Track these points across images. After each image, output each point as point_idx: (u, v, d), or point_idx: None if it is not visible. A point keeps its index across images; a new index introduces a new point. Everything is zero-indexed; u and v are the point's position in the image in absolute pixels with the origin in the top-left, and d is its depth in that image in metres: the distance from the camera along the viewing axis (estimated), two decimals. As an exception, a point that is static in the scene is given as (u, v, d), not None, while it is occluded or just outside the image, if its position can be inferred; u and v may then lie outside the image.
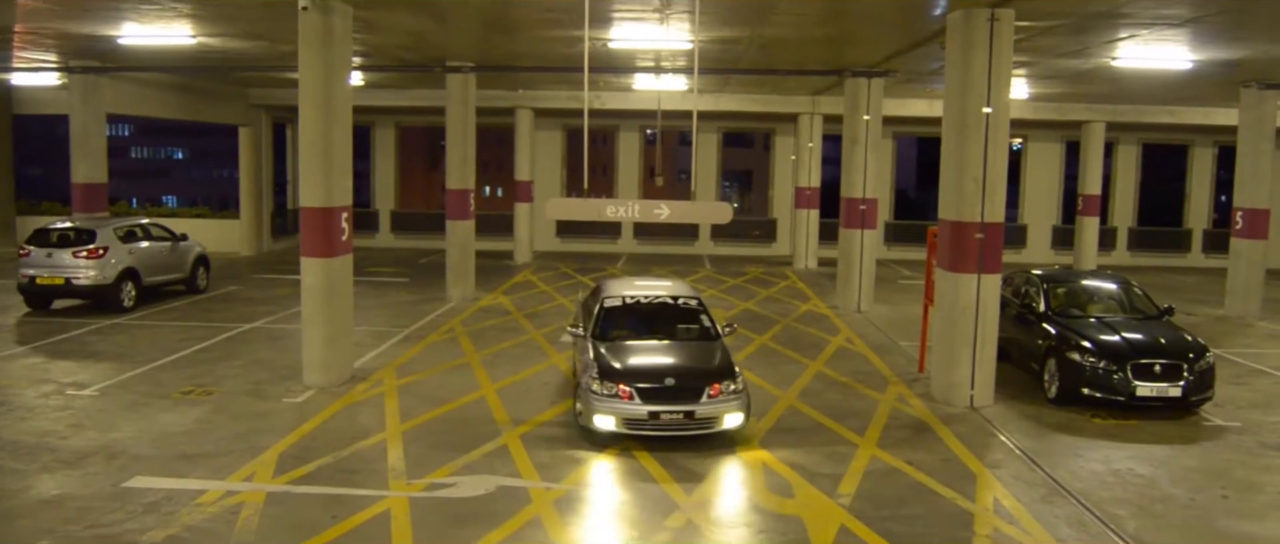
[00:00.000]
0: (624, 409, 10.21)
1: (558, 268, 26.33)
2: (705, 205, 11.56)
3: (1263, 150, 20.43)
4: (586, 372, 10.66)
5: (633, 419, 10.23)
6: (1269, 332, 18.89)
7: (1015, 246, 30.88)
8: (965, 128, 12.22)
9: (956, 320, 12.41)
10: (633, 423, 10.24)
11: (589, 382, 10.43)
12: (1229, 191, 21.63)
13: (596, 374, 10.47)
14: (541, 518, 8.42)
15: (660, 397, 10.28)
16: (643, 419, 10.22)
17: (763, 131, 33.05)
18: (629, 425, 10.25)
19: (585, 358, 11.03)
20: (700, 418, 10.26)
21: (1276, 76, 19.52)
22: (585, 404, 10.42)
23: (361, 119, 28.46)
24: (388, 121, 31.47)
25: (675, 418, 10.22)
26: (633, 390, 10.24)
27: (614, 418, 10.23)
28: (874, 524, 8.43)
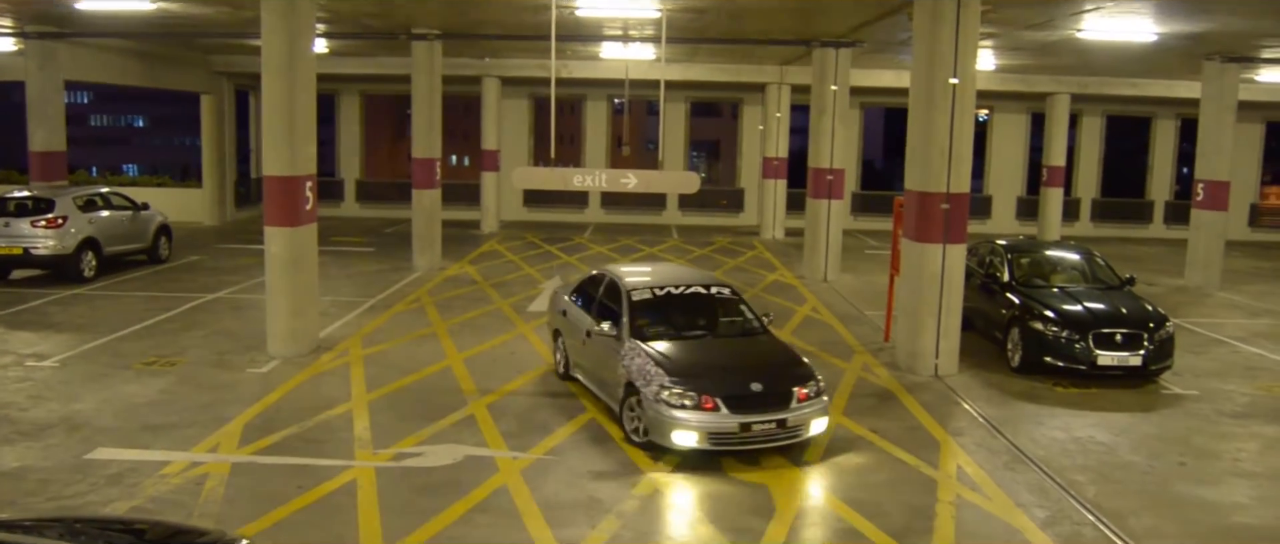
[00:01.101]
0: (709, 422, 8.85)
1: (525, 237, 26.26)
2: (672, 175, 11.60)
3: (1224, 123, 20.65)
4: (645, 380, 9.21)
5: (721, 433, 8.89)
6: (1228, 302, 19.18)
7: (980, 217, 31.10)
8: (932, 99, 12.26)
9: (922, 290, 12.50)
10: (719, 437, 8.91)
11: (659, 392, 9.00)
12: (1191, 164, 21.87)
13: (669, 383, 9.05)
14: (509, 487, 8.43)
15: (749, 405, 9.03)
16: (732, 433, 8.91)
17: (731, 102, 33.02)
18: (715, 440, 8.91)
19: (633, 363, 9.57)
20: (791, 426, 9.10)
21: (1239, 50, 19.71)
22: (654, 419, 9.00)
23: (326, 87, 28.00)
24: (353, 90, 31.14)
25: (767, 428, 9.00)
26: (718, 400, 8.95)
27: (697, 433, 8.85)
28: (839, 492, 8.52)
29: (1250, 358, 14.19)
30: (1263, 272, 24.00)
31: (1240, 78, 20.95)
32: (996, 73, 26.46)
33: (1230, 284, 21.10)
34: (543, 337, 14.13)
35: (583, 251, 23.63)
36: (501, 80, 28.19)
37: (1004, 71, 26.69)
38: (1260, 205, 33.65)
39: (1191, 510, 8.44)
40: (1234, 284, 21.22)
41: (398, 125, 60.02)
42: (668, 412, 8.91)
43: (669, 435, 8.92)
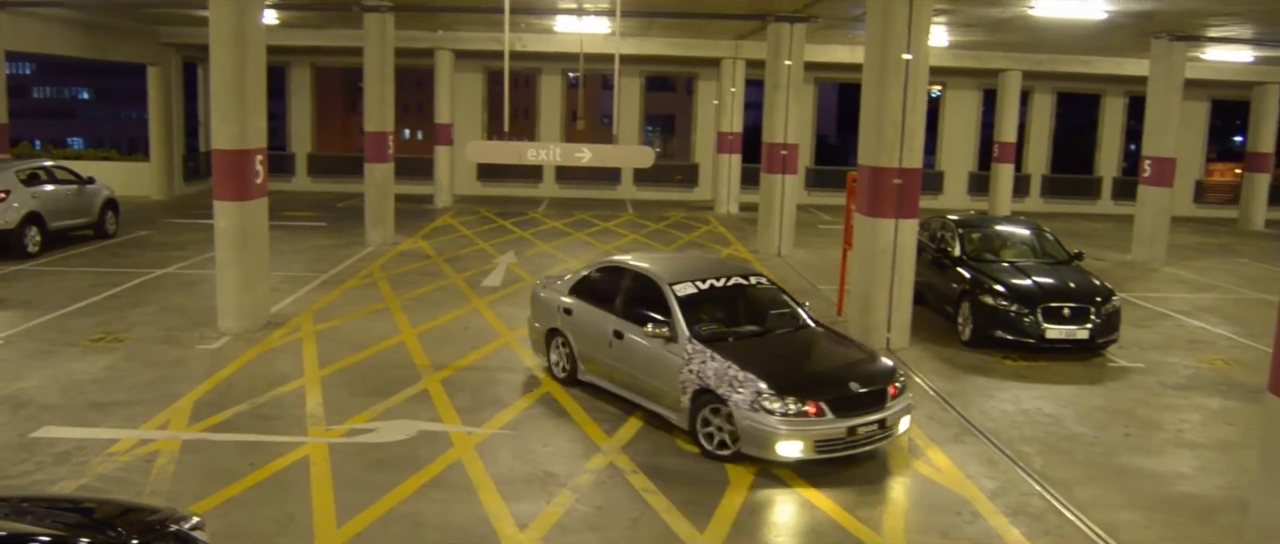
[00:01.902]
0: (816, 429, 8.23)
1: (479, 212, 26.12)
2: (627, 149, 11.57)
3: (1171, 100, 20.96)
4: (733, 387, 8.41)
5: (829, 440, 8.29)
6: (1173, 276, 19.54)
7: (932, 192, 31.37)
8: (885, 74, 12.32)
9: (874, 264, 12.60)
10: (827, 444, 8.30)
11: (756, 400, 8.26)
12: (1138, 140, 22.19)
13: (767, 390, 8.29)
14: (463, 462, 8.42)
15: (852, 407, 8.44)
16: (840, 438, 8.33)
17: (686, 76, 32.98)
18: (822, 448, 8.29)
19: (705, 368, 8.68)
20: (888, 425, 8.62)
21: (1186, 28, 20.00)
22: (751, 430, 8.26)
23: (276, 59, 27.66)
24: (304, 62, 30.71)
25: (870, 430, 8.47)
26: (823, 404, 8.31)
27: (804, 443, 8.22)
28: (793, 466, 8.58)
29: (1194, 331, 14.48)
30: (1207, 247, 24.47)
31: (1187, 56, 21.26)
32: (949, 49, 26.63)
33: (1176, 259, 21.49)
34: (506, 316, 14.09)
35: (537, 226, 23.56)
36: (455, 53, 27.93)
37: (957, 48, 26.88)
38: (1205, 182, 34.27)
39: (1136, 480, 8.61)
40: (1179, 259, 21.61)
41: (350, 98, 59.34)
42: (770, 421, 8.18)
43: (772, 447, 8.22)
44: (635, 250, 20.03)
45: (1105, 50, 26.43)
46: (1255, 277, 19.89)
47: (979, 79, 31.21)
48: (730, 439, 8.52)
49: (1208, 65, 26.18)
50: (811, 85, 30.94)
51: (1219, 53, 23.41)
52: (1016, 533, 7.43)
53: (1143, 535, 7.49)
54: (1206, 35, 20.76)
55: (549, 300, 10.86)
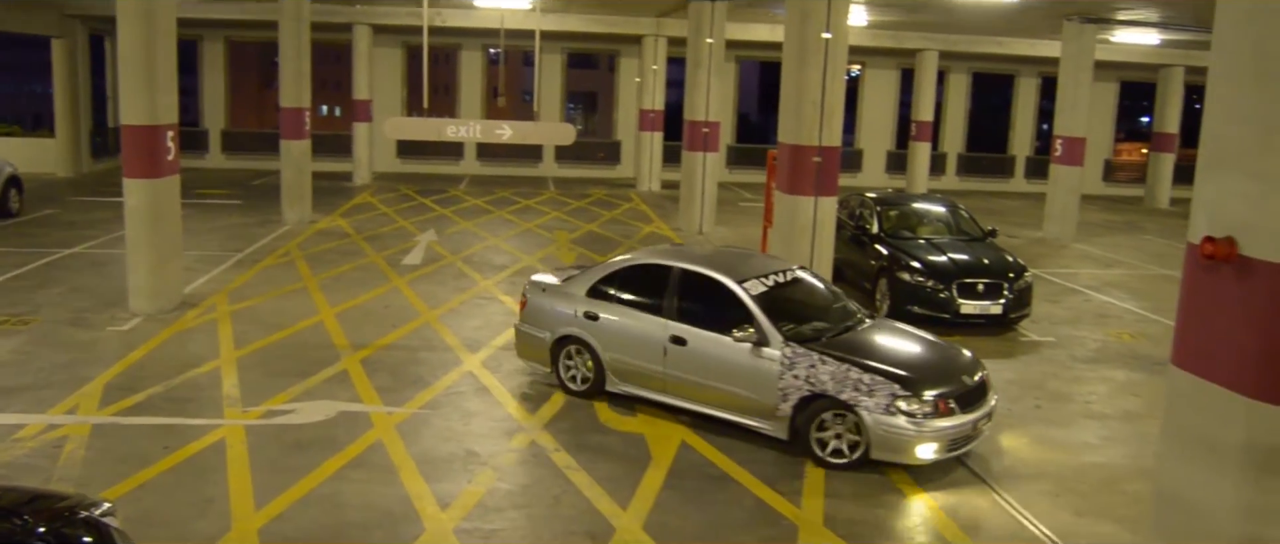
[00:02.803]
0: (948, 428, 7.97)
1: (398, 189, 25.79)
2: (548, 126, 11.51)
3: (1081, 82, 21.48)
4: (861, 392, 7.99)
5: (959, 438, 8.09)
6: (1082, 253, 20.09)
7: (852, 170, 31.77)
8: (805, 53, 12.41)
9: (794, 241, 12.72)
10: (955, 443, 8.08)
11: (892, 404, 7.88)
12: (1050, 120, 22.73)
13: (903, 392, 7.93)
14: (384, 442, 8.34)
15: (970, 401, 8.24)
16: (966, 434, 8.14)
17: (608, 53, 32.88)
18: (953, 446, 8.08)
19: (818, 372, 8.17)
20: (991, 416, 8.52)
21: (1096, 11, 20.49)
22: (886, 436, 7.90)
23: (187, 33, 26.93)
24: (216, 36, 29.94)
25: (984, 423, 8.35)
26: (953, 402, 8.07)
27: (938, 443, 7.96)
28: (713, 439, 8.67)
29: (1102, 306, 14.91)
30: (1115, 224, 25.19)
31: (1097, 38, 21.80)
32: (868, 29, 26.94)
33: (1085, 236, 22.09)
34: (427, 295, 13.96)
35: (458, 204, 23.35)
36: (373, 28, 27.47)
37: (875, 28, 27.20)
38: (1114, 161, 35.21)
39: (1046, 450, 8.87)
40: (1088, 236, 22.22)
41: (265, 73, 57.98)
42: (907, 424, 7.85)
43: (911, 451, 7.91)
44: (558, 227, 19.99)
45: (1019, 32, 26.97)
46: (1160, 253, 20.55)
47: (897, 59, 31.63)
48: (849, 448, 8.14)
49: (1117, 47, 26.87)
50: (733, 63, 31.07)
51: (1127, 35, 24.03)
52: (934, 503, 7.60)
53: (1052, 505, 7.71)
54: (1116, 18, 21.29)
55: (557, 304, 9.74)
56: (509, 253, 17.18)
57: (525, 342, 10.03)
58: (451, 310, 12.95)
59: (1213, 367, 5.22)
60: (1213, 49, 5.32)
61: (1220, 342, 5.19)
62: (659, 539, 6.82)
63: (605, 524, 7.02)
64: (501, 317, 12.68)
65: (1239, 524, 5.12)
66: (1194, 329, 5.39)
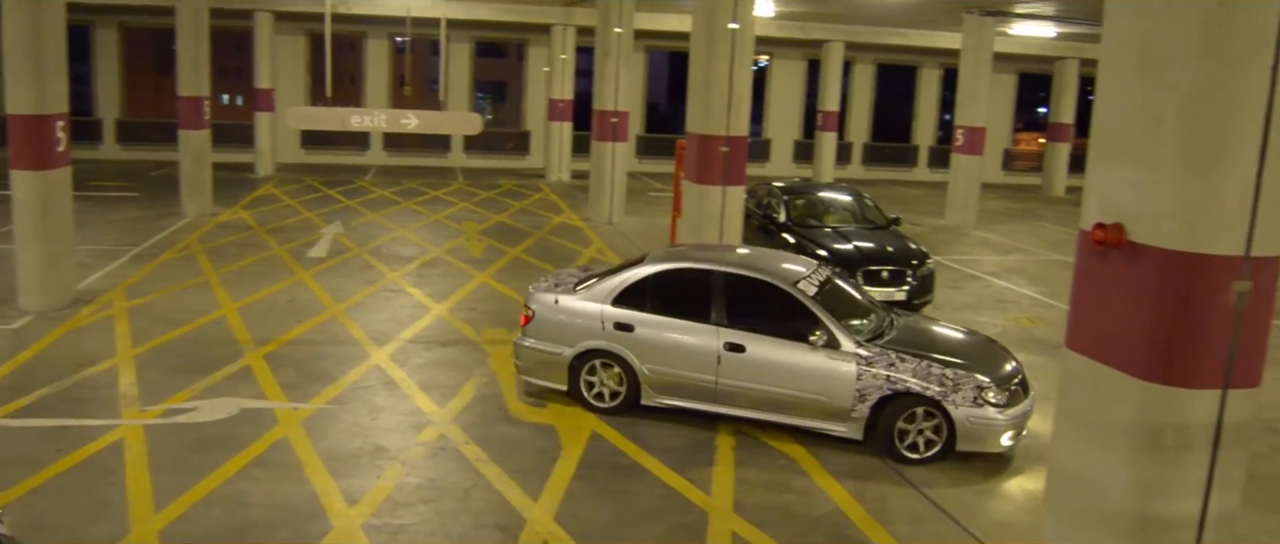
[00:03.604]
0: (1022, 413, 8.27)
1: (303, 180, 25.29)
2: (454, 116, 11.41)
3: (981, 73, 22.01)
4: (945, 385, 8.06)
5: (1025, 422, 8.40)
6: (983, 240, 20.61)
7: (759, 160, 32.09)
8: (712, 43, 12.49)
9: (703, 231, 12.82)
10: (1023, 427, 8.37)
11: (979, 396, 8.02)
12: (952, 111, 23.25)
13: (988, 382, 8.09)
14: (289, 439, 8.19)
15: (1025, 386, 8.57)
16: (1029, 417, 8.47)
17: (516, 42, 32.66)
18: (1022, 433, 8.39)
19: (899, 370, 8.16)
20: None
21: (995, 4, 21.00)
22: (975, 428, 8.02)
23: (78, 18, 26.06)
24: (110, 21, 28.93)
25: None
26: (1019, 389, 8.36)
27: (1014, 429, 8.17)
28: (623, 429, 8.70)
29: (1001, 291, 15.32)
30: (1014, 212, 25.89)
31: (996, 31, 22.35)
32: (775, 20, 27.22)
33: (985, 223, 22.67)
34: (332, 288, 13.72)
35: (365, 195, 22.99)
36: (275, 15, 26.87)
37: (782, 19, 27.49)
38: (1013, 150, 36.17)
39: (947, 434, 9.08)
40: (988, 223, 22.80)
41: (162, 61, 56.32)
42: (995, 415, 8.02)
43: (996, 441, 8.10)
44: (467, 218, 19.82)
45: (921, 23, 27.51)
46: (1056, 239, 21.17)
47: (803, 50, 32.01)
48: (925, 444, 8.21)
49: (1015, 40, 27.60)
50: (642, 53, 31.14)
51: (1024, 28, 24.71)
52: (839, 489, 7.73)
53: (952, 486, 7.90)
54: (1014, 11, 21.84)
55: (575, 317, 9.08)
56: (417, 244, 16.98)
57: (533, 359, 9.21)
58: (358, 304, 12.76)
59: (1104, 349, 5.40)
60: (1102, 42, 5.49)
61: (1111, 325, 5.37)
62: (570, 530, 6.83)
63: (516, 516, 7.00)
64: (409, 309, 12.54)
65: (1129, 500, 5.32)
66: (1086, 313, 5.58)
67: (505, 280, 14.37)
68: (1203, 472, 5.23)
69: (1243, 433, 5.27)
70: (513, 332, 11.59)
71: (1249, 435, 5.39)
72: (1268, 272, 5.04)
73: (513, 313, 12.51)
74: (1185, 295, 5.03)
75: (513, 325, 11.89)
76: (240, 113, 51.89)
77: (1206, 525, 5.29)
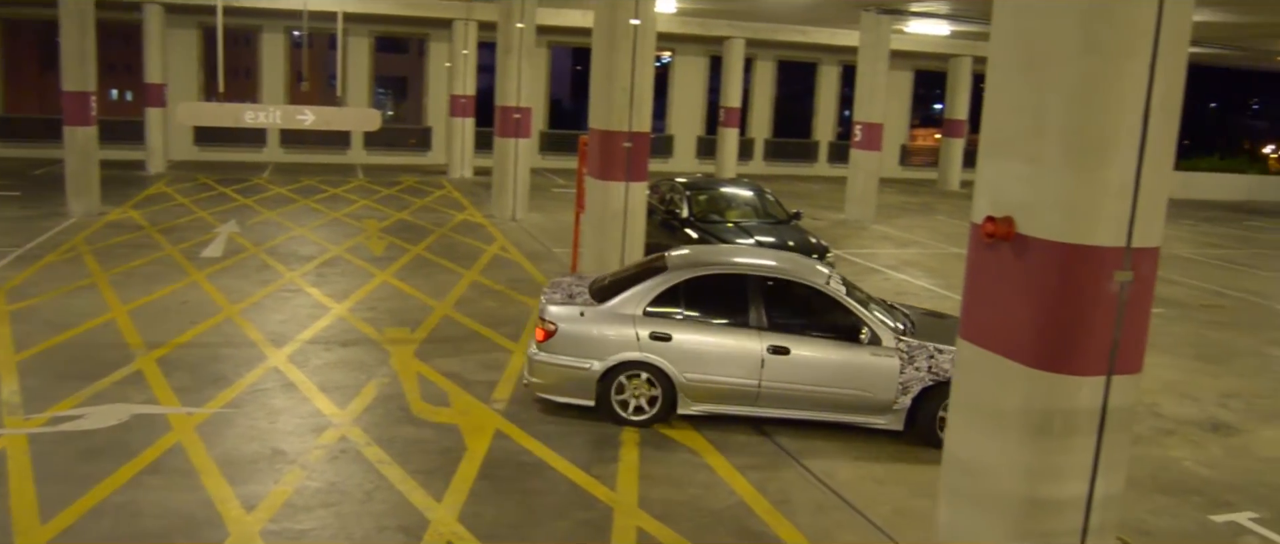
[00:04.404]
0: None
1: (196, 178, 24.61)
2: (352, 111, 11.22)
3: (878, 70, 22.44)
4: None
5: None
6: (881, 234, 21.02)
7: (663, 156, 32.24)
8: (614, 39, 12.51)
9: (606, 227, 12.84)
10: None
11: None
12: (851, 107, 23.67)
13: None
14: (183, 445, 7.96)
15: None
16: None
17: (417, 37, 32.26)
18: None
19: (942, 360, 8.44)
20: None
21: (891, 2, 21.42)
22: None
23: (-47, 10, 24.97)
24: (-13, 14, 27.83)
25: None
26: None
27: None
28: (528, 427, 8.66)
29: (899, 283, 15.65)
30: (911, 206, 26.46)
31: (892, 28, 22.81)
32: (677, 16, 27.37)
33: (883, 217, 23.13)
34: (228, 289, 13.38)
35: (261, 193, 22.47)
36: (165, 7, 26.10)
37: (684, 15, 27.65)
38: (909, 146, 36.97)
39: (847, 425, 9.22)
40: (887, 217, 23.27)
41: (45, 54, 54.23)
42: None
43: None
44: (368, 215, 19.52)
45: (820, 21, 27.95)
46: (951, 233, 21.71)
47: (705, 46, 32.26)
48: None
49: (911, 37, 28.21)
50: (545, 49, 31.02)
51: (920, 26, 25.25)
52: (743, 481, 7.81)
53: (855, 474, 8.05)
54: (909, 9, 22.33)
55: (605, 329, 8.77)
56: (316, 243, 16.66)
57: (556, 376, 8.82)
58: (255, 304, 12.46)
59: (995, 338, 5.56)
60: (991, 41, 5.64)
61: (1001, 315, 5.53)
62: (475, 530, 6.77)
63: (419, 517, 6.92)
64: (308, 309, 12.30)
65: (1020, 484, 5.48)
66: (979, 304, 5.73)
67: (408, 278, 14.19)
68: (1089, 455, 5.41)
69: (1126, 417, 5.47)
70: (415, 331, 11.48)
71: (1132, 419, 5.60)
72: (1147, 261, 5.24)
73: (415, 312, 12.37)
74: (1071, 285, 5.20)
75: (415, 325, 11.76)
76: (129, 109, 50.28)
77: (1093, 507, 5.48)
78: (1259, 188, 36.25)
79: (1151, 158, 5.09)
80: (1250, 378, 11.67)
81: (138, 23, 26.12)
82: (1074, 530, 5.49)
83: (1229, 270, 19.27)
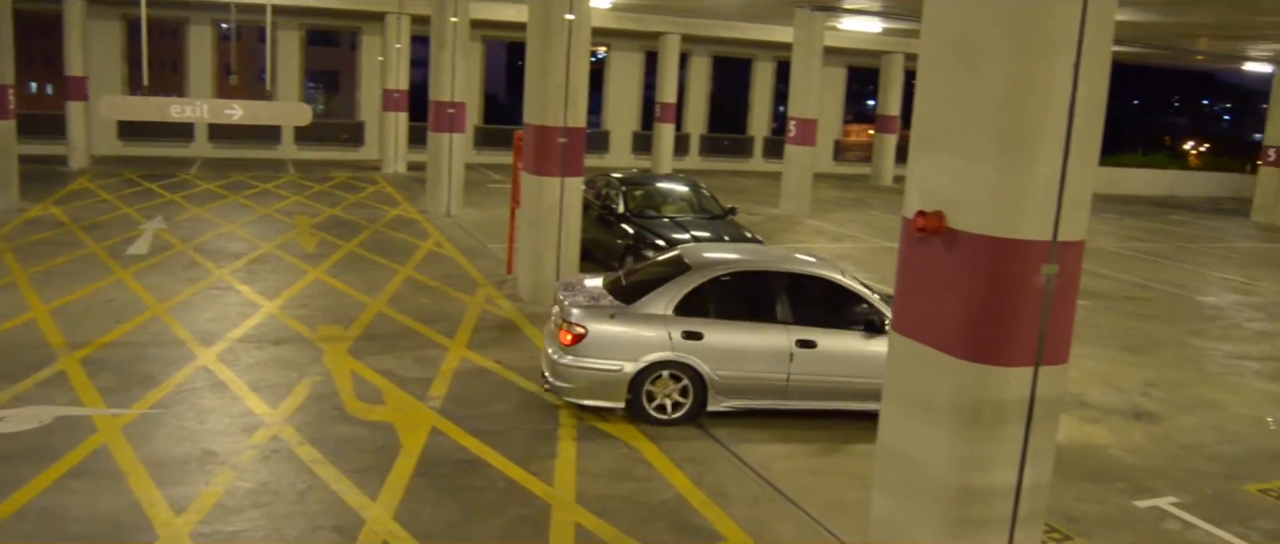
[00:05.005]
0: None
1: (121, 174, 24.05)
2: (282, 106, 11.05)
3: (812, 66, 22.64)
4: None
5: None
6: (815, 228, 21.23)
7: (599, 151, 32.22)
8: (548, 34, 12.46)
9: (541, 222, 12.79)
10: None
11: None
12: (786, 103, 23.85)
13: None
14: (109, 447, 7.77)
15: None
16: None
17: (349, 30, 31.86)
18: None
19: None
20: None
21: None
22: None
23: None
24: (-101, 4, 26.89)
25: None
26: None
27: None
28: (464, 423, 8.61)
29: (833, 278, 15.80)
30: (845, 201, 26.76)
31: (826, 25, 23.02)
32: (612, 11, 27.34)
33: (817, 212, 23.36)
34: (155, 287, 13.09)
35: (189, 189, 22.03)
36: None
37: (619, 10, 27.63)
38: (843, 141, 37.36)
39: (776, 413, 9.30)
40: (821, 212, 23.50)
41: (-39, 47, 52.58)
42: None
43: None
44: (299, 211, 19.24)
45: (755, 17, 28.12)
46: (885, 227, 21.99)
47: (641, 41, 32.28)
48: None
49: (844, 34, 28.49)
50: (479, 43, 30.82)
51: (853, 23, 25.52)
52: (680, 475, 7.84)
53: (786, 468, 8.12)
54: (842, 6, 22.56)
55: (638, 330, 8.76)
56: (246, 240, 16.38)
57: (587, 380, 8.72)
58: (183, 302, 12.22)
59: (926, 330, 5.64)
60: (922, 38, 5.72)
61: (933, 308, 5.61)
62: (411, 528, 6.71)
63: (354, 517, 6.84)
64: (239, 307, 12.09)
65: (951, 473, 5.57)
66: (911, 297, 5.81)
67: (341, 275, 14.01)
68: (1018, 445, 5.51)
69: (1053, 407, 5.59)
70: (349, 328, 11.35)
71: (1058, 409, 5.72)
72: (1073, 255, 5.35)
73: (348, 309, 12.23)
74: (999, 278, 5.29)
75: (349, 322, 11.62)
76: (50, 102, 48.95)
77: (1022, 495, 5.59)
78: (1180, 183, 37.25)
79: (1077, 154, 5.19)
80: (1172, 367, 11.99)
81: (58, 13, 25.42)
82: (1004, 518, 5.60)
83: (1151, 263, 19.78)
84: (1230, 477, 8.61)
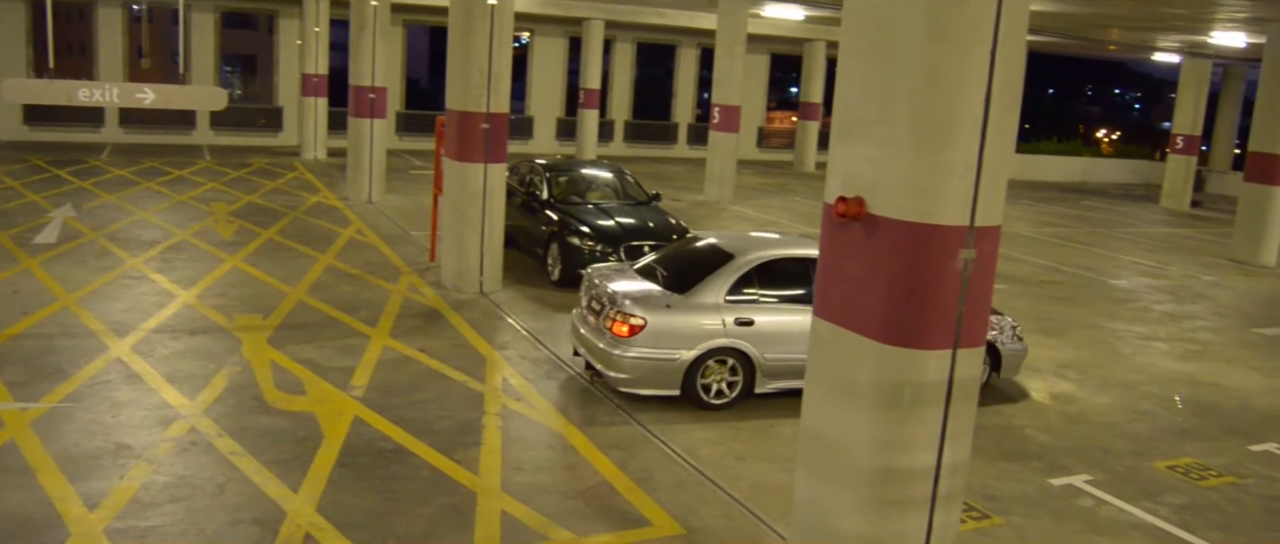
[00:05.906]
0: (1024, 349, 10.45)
1: (27, 160, 23.27)
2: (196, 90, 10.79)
3: (736, 53, 22.75)
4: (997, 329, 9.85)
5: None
6: (739, 214, 21.37)
7: (522, 137, 32.04)
8: (471, 19, 12.34)
9: (464, 209, 12.69)
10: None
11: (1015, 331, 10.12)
12: (710, 89, 23.96)
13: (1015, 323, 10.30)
14: (17, 443, 7.54)
15: None
16: None
17: (267, 13, 31.19)
18: None
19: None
20: None
21: (745, -16, 21.75)
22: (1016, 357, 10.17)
23: None
24: None
25: None
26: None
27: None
28: (387, 413, 8.52)
29: (756, 263, 15.92)
30: (768, 187, 26.97)
31: (749, 12, 23.15)
32: (536, -4, 27.18)
33: (742, 198, 23.51)
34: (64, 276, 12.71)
35: (100, 175, 21.42)
36: (-11, -21, 24.57)
37: (542, -5, 27.49)
38: (766, 128, 37.65)
39: (708, 403, 9.39)
40: (745, 198, 23.66)
41: None
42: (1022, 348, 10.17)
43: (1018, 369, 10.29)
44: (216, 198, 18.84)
45: (679, 4, 28.16)
46: (807, 213, 22.23)
47: (565, 27, 32.14)
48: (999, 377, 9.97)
49: (767, 21, 28.68)
50: (400, 27, 30.43)
51: (776, 10, 25.70)
52: (606, 461, 7.85)
53: (716, 452, 8.19)
54: (764, -7, 22.71)
55: (694, 319, 8.92)
56: (160, 227, 15.98)
57: (644, 369, 8.83)
58: (95, 292, 11.89)
59: (847, 315, 5.71)
60: (843, 26, 5.77)
61: (853, 292, 5.68)
62: (334, 520, 6.62)
63: (275, 509, 6.73)
64: (153, 297, 11.79)
65: (872, 455, 5.66)
66: (832, 282, 5.87)
67: (259, 263, 13.75)
68: (937, 426, 5.62)
69: (971, 389, 5.71)
70: (268, 317, 11.14)
71: (976, 391, 5.84)
72: (989, 240, 5.46)
73: (267, 298, 12.01)
74: (918, 263, 5.38)
75: (268, 311, 11.41)
76: (-48, 86, 47.17)
77: (941, 475, 5.70)
78: (1093, 169, 38.23)
79: (993, 141, 5.30)
80: (1085, 349, 12.32)
81: (-41, -6, 24.54)
82: (924, 498, 5.71)
83: (1065, 247, 20.29)
84: (1140, 454, 8.88)
